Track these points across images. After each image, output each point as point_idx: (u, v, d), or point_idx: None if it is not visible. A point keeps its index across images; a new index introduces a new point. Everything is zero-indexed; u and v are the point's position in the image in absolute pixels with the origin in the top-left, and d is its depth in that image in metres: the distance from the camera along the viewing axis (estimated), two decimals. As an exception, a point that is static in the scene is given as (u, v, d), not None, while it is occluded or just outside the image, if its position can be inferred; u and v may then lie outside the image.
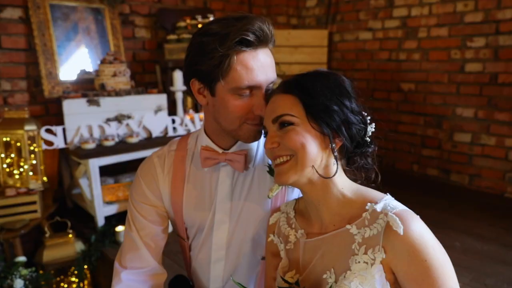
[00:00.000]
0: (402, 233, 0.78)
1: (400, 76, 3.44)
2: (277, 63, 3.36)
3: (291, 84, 0.87)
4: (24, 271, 1.93)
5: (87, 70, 2.80)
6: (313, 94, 0.84)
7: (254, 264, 1.15)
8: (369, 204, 0.84)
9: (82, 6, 2.77)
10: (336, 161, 0.85)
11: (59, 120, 2.63)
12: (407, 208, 0.84)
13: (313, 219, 0.92)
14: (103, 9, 2.87)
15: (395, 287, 0.82)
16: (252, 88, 0.96)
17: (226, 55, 0.92)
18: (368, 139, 0.88)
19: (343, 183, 0.88)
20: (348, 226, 0.85)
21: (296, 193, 1.12)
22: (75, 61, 2.77)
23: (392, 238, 0.79)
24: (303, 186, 0.87)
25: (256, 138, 1.04)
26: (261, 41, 0.95)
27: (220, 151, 1.07)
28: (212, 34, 0.93)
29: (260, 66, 0.96)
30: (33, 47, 2.59)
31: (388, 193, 0.88)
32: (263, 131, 1.01)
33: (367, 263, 0.81)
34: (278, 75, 3.16)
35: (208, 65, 0.94)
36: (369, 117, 0.89)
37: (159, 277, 1.16)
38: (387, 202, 0.84)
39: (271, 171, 1.09)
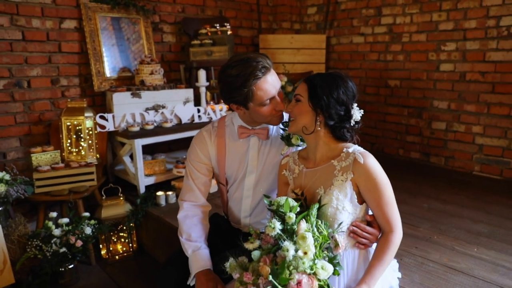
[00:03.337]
0: (362, 163, 1.35)
1: (387, 74, 3.97)
2: (282, 63, 4.14)
3: (309, 78, 1.44)
4: (92, 221, 2.52)
5: (125, 68, 3.39)
6: (315, 86, 1.39)
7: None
8: (345, 149, 1.42)
9: (123, 17, 3.36)
10: (314, 127, 1.40)
11: (103, 110, 3.22)
12: (366, 151, 1.42)
13: (310, 159, 1.50)
14: (139, 19, 3.46)
15: (359, 196, 1.40)
16: (271, 99, 1.53)
17: (249, 89, 1.47)
18: (353, 122, 1.41)
19: (327, 138, 1.44)
20: (332, 161, 1.42)
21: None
22: (117, 61, 3.36)
23: (357, 166, 1.36)
24: (303, 136, 1.47)
25: (280, 121, 1.63)
26: (266, 71, 1.49)
27: (250, 128, 1.66)
28: (234, 76, 1.47)
29: (270, 85, 1.51)
30: (85, 50, 3.18)
31: (356, 142, 1.47)
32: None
33: (343, 180, 1.38)
34: (283, 73, 3.88)
35: (239, 97, 1.50)
36: (359, 109, 1.41)
37: (206, 208, 1.76)
38: (355, 147, 1.42)
39: (282, 138, 1.69)
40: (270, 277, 1.14)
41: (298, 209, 1.35)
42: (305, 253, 1.18)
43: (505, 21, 3.12)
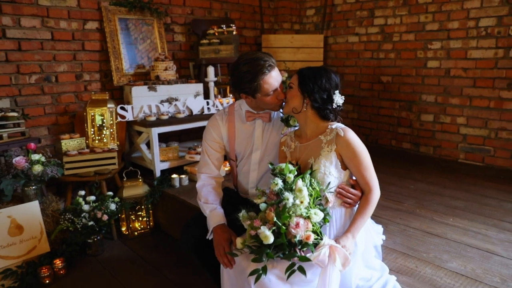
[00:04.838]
0: (342, 136, 1.68)
1: (380, 70, 4.30)
2: (283, 61, 4.56)
3: (300, 70, 1.78)
4: (116, 199, 2.86)
5: (141, 65, 3.73)
6: (304, 76, 1.74)
7: (274, 171, 2.08)
8: (329, 125, 1.75)
9: (139, 18, 3.71)
10: (301, 108, 1.73)
11: (121, 103, 3.54)
12: (347, 126, 1.75)
13: (302, 136, 1.84)
14: (153, 20, 3.81)
15: (343, 164, 1.74)
16: (274, 90, 1.86)
17: (258, 83, 1.81)
18: (335, 105, 1.74)
19: (314, 117, 1.76)
20: (320, 136, 1.76)
21: (295, 131, 2.04)
22: (133, 58, 3.70)
23: (339, 139, 1.69)
24: (295, 116, 1.80)
25: (280, 108, 1.96)
26: (271, 69, 1.83)
27: (256, 112, 2.00)
28: (245, 72, 1.80)
29: (274, 79, 1.85)
30: (105, 49, 3.52)
31: (339, 122, 1.80)
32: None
33: (328, 151, 1.71)
34: (284, 70, 4.29)
35: (248, 89, 1.84)
36: (341, 95, 1.73)
37: (219, 179, 2.10)
38: (337, 124, 1.76)
39: (283, 120, 2.02)
40: (275, 218, 1.47)
41: (296, 173, 1.68)
42: (301, 202, 1.52)
43: (483, 22, 3.46)
